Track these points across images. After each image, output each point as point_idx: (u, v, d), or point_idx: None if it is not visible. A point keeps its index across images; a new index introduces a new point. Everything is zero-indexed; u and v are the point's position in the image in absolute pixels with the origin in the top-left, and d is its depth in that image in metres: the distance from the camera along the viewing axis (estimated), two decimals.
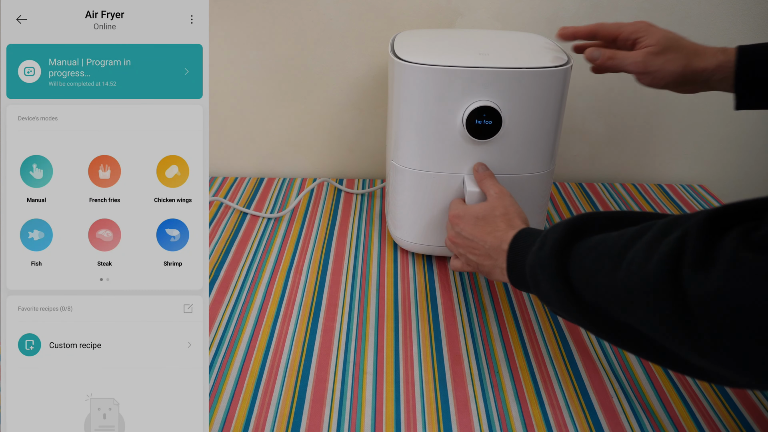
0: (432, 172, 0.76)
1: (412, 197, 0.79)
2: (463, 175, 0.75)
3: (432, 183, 0.77)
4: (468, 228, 0.66)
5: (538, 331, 0.72)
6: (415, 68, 0.70)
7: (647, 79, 0.69)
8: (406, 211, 0.81)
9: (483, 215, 0.66)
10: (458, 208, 0.70)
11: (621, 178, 1.14)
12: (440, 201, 0.78)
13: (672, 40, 0.68)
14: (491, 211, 0.65)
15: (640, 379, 0.65)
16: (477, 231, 0.65)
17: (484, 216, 0.65)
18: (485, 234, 0.64)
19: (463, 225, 0.67)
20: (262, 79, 1.03)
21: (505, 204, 0.66)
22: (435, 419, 0.60)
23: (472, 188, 0.72)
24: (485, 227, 0.64)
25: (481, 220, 0.65)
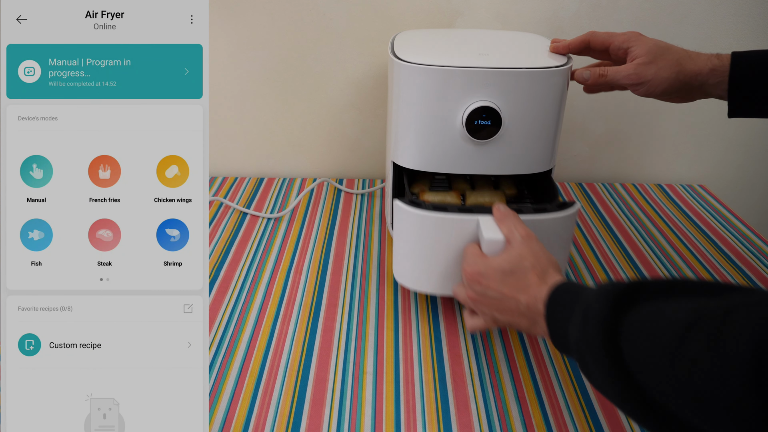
0: (441, 216, 0.65)
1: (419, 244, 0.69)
2: (476, 218, 0.65)
3: (441, 228, 0.66)
4: (495, 285, 0.57)
5: None
6: (415, 68, 0.70)
7: (642, 90, 0.67)
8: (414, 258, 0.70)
9: (511, 269, 0.57)
10: (477, 263, 0.60)
11: (621, 178, 1.14)
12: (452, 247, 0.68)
13: (662, 48, 0.66)
14: (519, 261, 0.57)
15: None
16: (507, 288, 0.56)
17: (512, 270, 0.56)
18: (516, 291, 0.55)
19: (487, 283, 0.58)
20: (262, 79, 1.03)
21: (534, 251, 0.57)
22: (435, 419, 0.60)
23: (491, 236, 0.61)
24: (516, 283, 0.56)
25: (510, 274, 0.56)
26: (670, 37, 0.99)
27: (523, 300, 0.54)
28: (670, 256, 0.88)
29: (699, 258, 0.88)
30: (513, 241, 0.59)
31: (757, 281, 0.83)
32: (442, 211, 0.66)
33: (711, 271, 0.84)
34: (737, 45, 1.00)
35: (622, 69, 0.66)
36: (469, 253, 0.62)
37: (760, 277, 0.84)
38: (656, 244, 0.91)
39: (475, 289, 0.59)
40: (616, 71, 0.67)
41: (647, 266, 0.85)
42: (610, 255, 0.88)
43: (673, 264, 0.86)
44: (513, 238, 0.59)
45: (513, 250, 0.58)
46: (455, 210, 0.66)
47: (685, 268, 0.85)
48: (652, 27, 0.99)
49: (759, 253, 0.89)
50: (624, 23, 0.98)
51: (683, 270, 0.84)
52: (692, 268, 0.85)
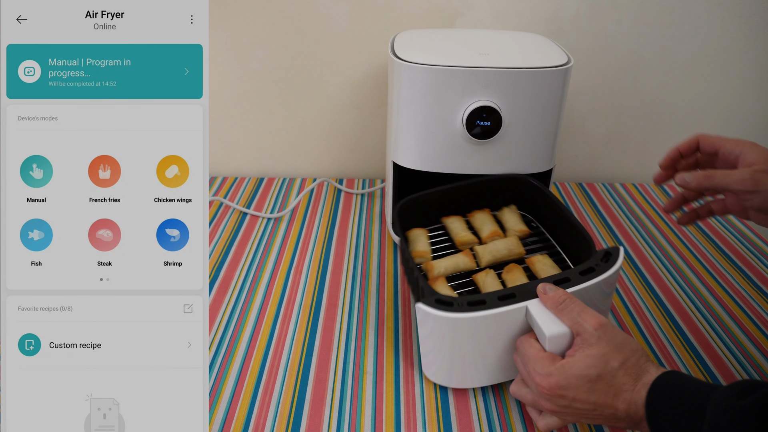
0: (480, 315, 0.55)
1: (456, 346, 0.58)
2: (525, 306, 0.55)
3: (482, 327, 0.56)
4: (583, 397, 0.49)
5: None
6: (415, 68, 0.70)
7: (757, 200, 0.56)
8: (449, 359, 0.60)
9: (598, 374, 0.48)
10: (552, 373, 0.50)
11: (621, 178, 1.14)
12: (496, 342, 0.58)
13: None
14: (605, 363, 0.48)
15: None
16: (598, 397, 0.48)
17: (600, 375, 0.48)
18: (610, 398, 0.48)
19: (573, 395, 0.49)
20: (262, 79, 1.03)
21: (617, 343, 0.50)
22: (435, 419, 0.59)
23: (554, 330, 0.52)
24: (608, 389, 0.48)
25: (598, 381, 0.48)
26: (670, 37, 1.00)
27: (621, 407, 0.48)
28: (670, 256, 0.88)
29: (699, 258, 0.88)
30: (585, 334, 0.50)
31: (757, 281, 0.82)
32: (480, 306, 0.55)
33: (711, 272, 0.84)
34: (737, 45, 1.00)
35: (734, 173, 0.56)
36: (534, 357, 0.52)
37: (761, 277, 0.84)
38: (656, 244, 0.91)
39: (557, 403, 0.51)
40: (726, 174, 0.57)
41: (647, 266, 0.85)
42: None
43: (673, 264, 0.86)
44: (583, 331, 0.51)
45: (591, 348, 0.49)
46: (495, 302, 0.55)
47: (686, 268, 0.85)
48: (652, 27, 0.99)
49: (759, 253, 0.89)
50: (624, 23, 0.98)
51: (684, 270, 0.84)
52: (693, 268, 0.85)
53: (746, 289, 0.81)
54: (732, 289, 0.81)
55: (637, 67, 1.03)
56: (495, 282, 0.66)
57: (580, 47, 1.01)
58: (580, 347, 0.50)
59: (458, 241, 0.74)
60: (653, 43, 1.01)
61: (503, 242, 0.72)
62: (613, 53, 1.01)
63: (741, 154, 0.59)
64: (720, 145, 0.61)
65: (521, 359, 0.55)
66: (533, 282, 0.57)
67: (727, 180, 0.56)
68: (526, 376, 0.54)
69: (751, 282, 0.82)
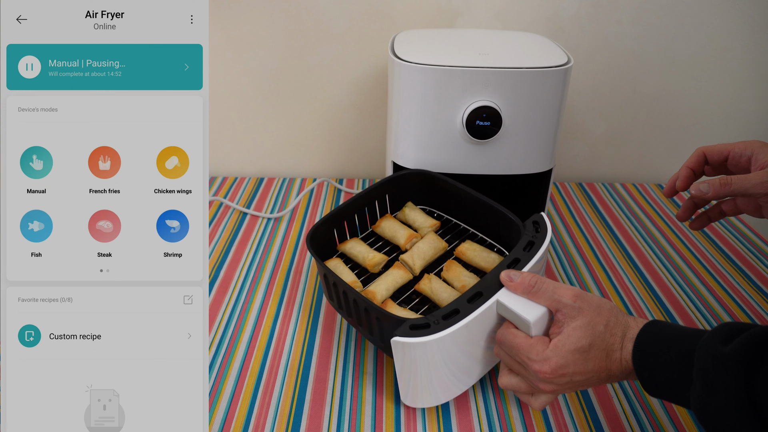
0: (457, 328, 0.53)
1: (436, 367, 0.56)
2: (496, 300, 0.55)
3: (461, 338, 0.54)
4: (580, 369, 0.49)
5: None
6: (415, 68, 0.70)
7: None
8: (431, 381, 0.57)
9: (590, 343, 0.49)
10: (550, 357, 0.49)
11: (621, 178, 1.14)
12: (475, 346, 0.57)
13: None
14: (592, 330, 0.49)
15: None
16: (594, 364, 0.49)
17: (591, 343, 0.49)
18: (604, 361, 0.49)
19: (573, 370, 0.49)
20: (262, 79, 1.03)
21: (595, 307, 0.50)
22: (435, 419, 0.59)
23: (534, 314, 0.52)
24: (600, 354, 0.49)
25: (590, 349, 0.49)
26: (670, 37, 1.00)
27: (614, 367, 0.49)
28: (670, 256, 0.88)
29: (699, 258, 0.87)
30: (565, 308, 0.51)
31: (758, 281, 0.82)
32: (455, 316, 0.53)
33: (711, 271, 0.84)
34: (737, 45, 1.01)
35: (750, 176, 0.56)
36: (525, 345, 0.51)
37: (761, 277, 0.83)
38: (656, 244, 0.91)
39: (559, 382, 0.50)
40: (743, 179, 0.56)
41: (647, 266, 0.85)
42: (610, 255, 0.88)
43: (673, 264, 0.86)
44: (563, 305, 0.51)
45: (576, 319, 0.50)
46: (466, 306, 0.54)
47: (686, 269, 0.85)
48: (652, 27, 0.99)
49: (759, 253, 0.89)
50: (624, 23, 0.99)
51: (684, 270, 0.84)
52: (693, 268, 0.85)
53: (746, 289, 0.81)
54: (732, 289, 0.80)
55: (637, 67, 1.03)
56: (442, 286, 0.64)
57: (580, 47, 1.01)
58: (564, 322, 0.50)
59: (369, 265, 0.69)
60: (653, 43, 1.01)
61: (425, 242, 0.69)
62: (613, 53, 1.02)
63: (753, 156, 0.59)
64: (728, 150, 0.61)
65: (508, 351, 0.53)
66: (491, 274, 0.56)
67: (744, 185, 0.56)
68: (517, 366, 0.53)
69: (751, 282, 0.82)
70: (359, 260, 0.70)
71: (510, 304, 0.53)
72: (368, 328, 0.60)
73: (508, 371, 0.55)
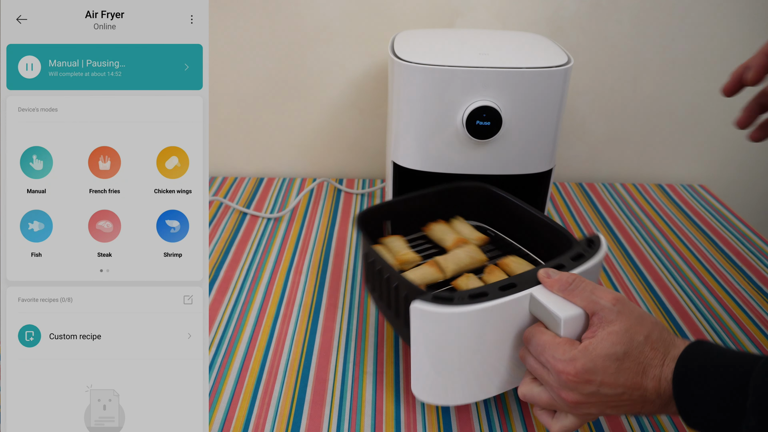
0: (483, 306, 0.49)
1: (454, 348, 0.52)
2: (529, 293, 0.50)
3: (485, 320, 0.50)
4: (611, 380, 0.43)
5: None
6: (415, 68, 0.70)
7: None
8: (446, 367, 0.53)
9: (625, 351, 0.43)
10: (578, 358, 0.44)
11: (621, 178, 1.14)
12: (498, 341, 0.52)
13: None
14: (630, 338, 0.44)
15: None
16: (627, 377, 0.43)
17: (627, 351, 0.43)
18: (638, 376, 0.43)
19: (602, 378, 0.43)
20: (262, 79, 1.03)
21: (637, 317, 0.45)
22: (435, 419, 0.59)
23: (569, 312, 0.47)
24: (635, 367, 0.43)
25: (625, 358, 0.43)
26: (670, 37, 1.00)
27: (650, 386, 0.43)
28: (670, 256, 0.88)
29: (699, 258, 0.87)
30: (602, 312, 0.45)
31: (758, 281, 0.82)
32: (482, 298, 0.50)
33: (711, 271, 0.84)
34: (737, 45, 1.01)
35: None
36: (552, 344, 0.46)
37: (761, 277, 0.83)
38: (656, 244, 0.91)
39: (584, 391, 0.44)
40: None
41: (648, 266, 0.85)
42: (611, 255, 0.88)
43: (673, 264, 0.86)
44: (600, 308, 0.46)
45: (613, 324, 0.45)
46: (497, 292, 0.50)
47: (686, 269, 0.85)
48: (652, 27, 0.99)
49: (759, 253, 0.89)
50: (624, 23, 0.99)
51: (684, 270, 0.84)
52: (693, 268, 0.85)
53: (746, 289, 0.81)
54: (732, 289, 0.80)
55: (637, 67, 1.03)
56: (478, 284, 0.61)
57: (580, 47, 1.01)
58: (599, 326, 0.45)
59: (399, 260, 0.67)
60: (653, 43, 1.01)
61: (464, 251, 0.67)
62: (613, 53, 1.02)
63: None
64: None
65: (534, 350, 0.48)
66: (532, 270, 0.52)
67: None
68: (541, 369, 0.48)
69: (751, 282, 0.82)
70: (392, 254, 0.68)
71: (543, 299, 0.49)
72: (395, 310, 0.57)
73: (531, 379, 0.50)
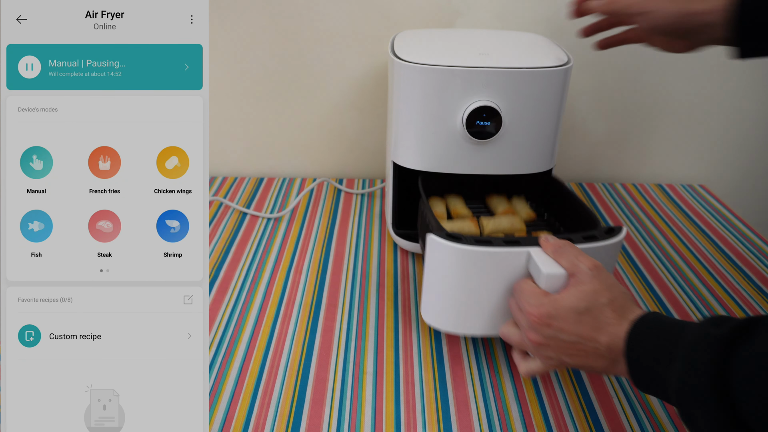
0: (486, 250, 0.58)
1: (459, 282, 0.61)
2: (527, 251, 0.58)
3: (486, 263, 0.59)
4: (569, 327, 0.51)
5: None
6: (415, 68, 0.70)
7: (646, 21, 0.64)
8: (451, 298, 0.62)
9: (586, 307, 0.50)
10: (544, 303, 0.53)
11: (621, 178, 1.14)
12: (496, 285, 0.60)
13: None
14: (594, 297, 0.51)
15: None
16: (583, 329, 0.50)
17: (588, 308, 0.50)
18: (594, 331, 0.50)
19: (560, 325, 0.51)
20: (262, 79, 1.03)
21: (607, 283, 0.52)
22: (435, 419, 0.59)
23: (551, 270, 0.55)
24: (593, 322, 0.50)
25: (585, 313, 0.50)
26: None
27: (603, 340, 0.49)
28: (670, 256, 0.88)
29: (699, 258, 0.87)
30: (579, 274, 0.53)
31: (758, 281, 0.82)
32: (487, 244, 0.58)
33: (711, 271, 0.84)
34: None
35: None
36: (528, 291, 0.55)
37: (761, 277, 0.83)
38: (656, 244, 0.91)
39: (544, 333, 0.52)
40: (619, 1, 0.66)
41: (648, 266, 0.85)
42: None
43: (673, 264, 0.86)
44: (578, 270, 0.53)
45: (584, 284, 0.52)
46: (500, 243, 0.59)
47: (686, 269, 0.85)
48: None
49: (759, 253, 0.89)
50: None
51: (684, 270, 0.84)
52: (693, 268, 0.85)
53: (746, 289, 0.81)
54: (732, 289, 0.80)
55: (637, 67, 1.03)
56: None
57: (580, 47, 1.01)
58: (573, 285, 0.53)
59: (453, 212, 0.80)
60: None
61: (507, 218, 0.75)
62: (613, 53, 1.01)
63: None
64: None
65: (515, 295, 0.57)
66: (539, 237, 0.60)
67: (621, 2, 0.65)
68: (517, 312, 0.57)
69: (751, 282, 0.82)
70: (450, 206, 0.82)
71: (535, 257, 0.57)
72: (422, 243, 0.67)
73: (512, 323, 0.59)
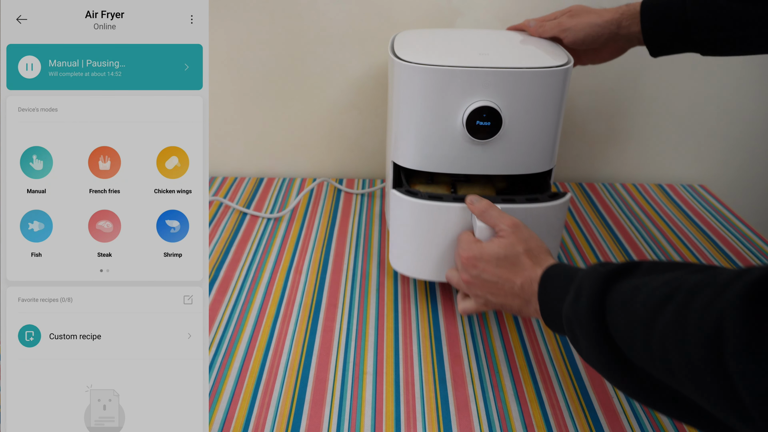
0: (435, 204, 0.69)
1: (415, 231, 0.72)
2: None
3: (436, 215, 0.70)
4: (490, 269, 0.61)
5: (537, 331, 0.72)
6: (415, 68, 0.70)
7: (570, 36, 0.77)
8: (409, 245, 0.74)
9: (505, 254, 0.60)
10: (472, 248, 0.63)
11: (621, 178, 1.14)
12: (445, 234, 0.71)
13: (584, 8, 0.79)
14: (512, 248, 0.60)
15: None
16: (502, 271, 0.60)
17: (506, 255, 0.60)
18: (512, 274, 0.59)
19: (483, 266, 0.61)
20: (262, 79, 1.03)
21: (525, 237, 0.61)
22: (435, 419, 0.59)
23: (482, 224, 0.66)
24: (510, 266, 0.59)
25: (504, 259, 0.60)
26: None
27: (518, 281, 0.58)
28: (670, 256, 0.88)
29: (699, 258, 0.87)
30: (501, 232, 0.62)
31: None
32: (437, 200, 0.69)
33: None
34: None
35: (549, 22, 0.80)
36: (464, 239, 0.66)
37: None
38: (656, 244, 0.91)
39: (471, 273, 0.63)
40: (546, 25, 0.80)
41: None
42: (611, 255, 0.88)
43: None
44: (500, 228, 0.63)
45: (503, 239, 0.61)
46: (449, 199, 0.69)
47: None
48: None
49: (759, 253, 0.89)
50: None
51: None
52: None
53: None
54: None
55: (637, 67, 1.03)
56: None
57: None
58: (496, 238, 0.63)
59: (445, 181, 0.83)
60: None
61: (481, 187, 0.81)
62: None
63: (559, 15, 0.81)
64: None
65: (457, 243, 0.68)
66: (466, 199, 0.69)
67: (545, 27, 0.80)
68: (456, 258, 0.67)
69: None
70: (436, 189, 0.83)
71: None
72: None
73: (455, 268, 0.69)
